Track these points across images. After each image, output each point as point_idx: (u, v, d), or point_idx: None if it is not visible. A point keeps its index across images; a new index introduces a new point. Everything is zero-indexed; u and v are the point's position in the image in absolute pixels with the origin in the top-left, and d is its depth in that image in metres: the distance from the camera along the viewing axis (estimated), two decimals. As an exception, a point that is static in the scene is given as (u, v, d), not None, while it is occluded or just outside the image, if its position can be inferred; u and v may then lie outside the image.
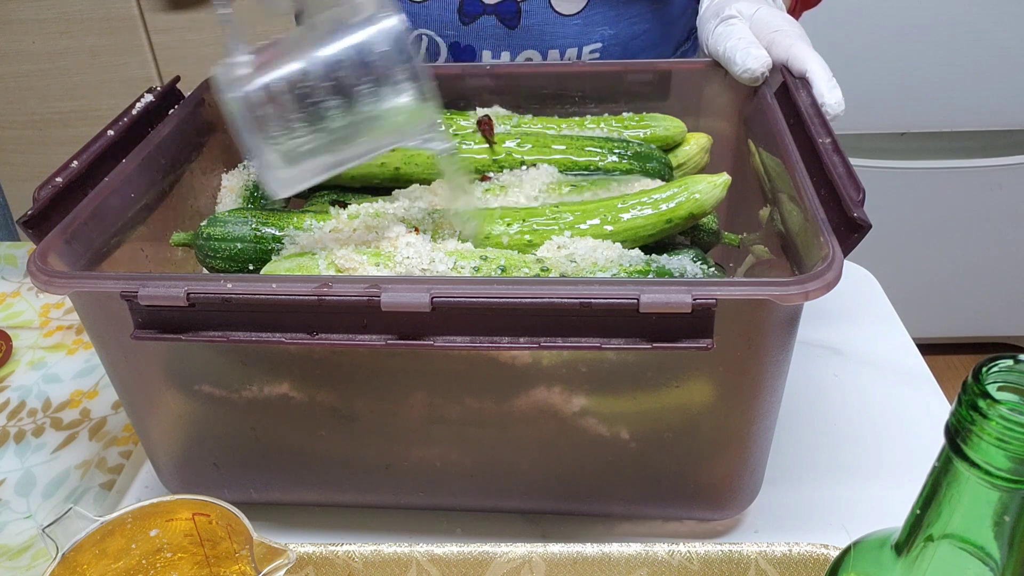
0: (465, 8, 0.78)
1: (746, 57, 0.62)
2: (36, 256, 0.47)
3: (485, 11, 0.78)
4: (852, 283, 0.78)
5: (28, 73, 1.72)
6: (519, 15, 0.78)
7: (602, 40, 0.80)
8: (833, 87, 0.58)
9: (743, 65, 0.62)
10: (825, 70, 0.59)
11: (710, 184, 0.55)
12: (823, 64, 0.60)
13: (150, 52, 1.72)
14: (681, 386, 0.47)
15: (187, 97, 0.66)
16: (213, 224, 0.58)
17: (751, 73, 0.62)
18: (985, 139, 1.57)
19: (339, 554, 0.50)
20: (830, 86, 0.58)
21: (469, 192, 0.60)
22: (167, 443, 0.55)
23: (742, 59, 0.62)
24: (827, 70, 0.60)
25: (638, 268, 0.53)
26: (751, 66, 0.62)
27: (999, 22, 1.44)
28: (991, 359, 0.28)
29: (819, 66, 0.60)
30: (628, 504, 0.55)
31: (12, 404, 0.69)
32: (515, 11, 0.77)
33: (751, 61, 0.62)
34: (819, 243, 0.44)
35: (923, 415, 0.64)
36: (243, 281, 0.45)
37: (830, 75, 0.59)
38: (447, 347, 0.44)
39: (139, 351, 0.49)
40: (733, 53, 0.63)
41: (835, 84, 0.59)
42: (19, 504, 0.60)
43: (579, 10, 0.77)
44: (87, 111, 1.77)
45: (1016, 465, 0.27)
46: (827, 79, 0.59)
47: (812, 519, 0.57)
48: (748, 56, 0.62)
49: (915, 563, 0.32)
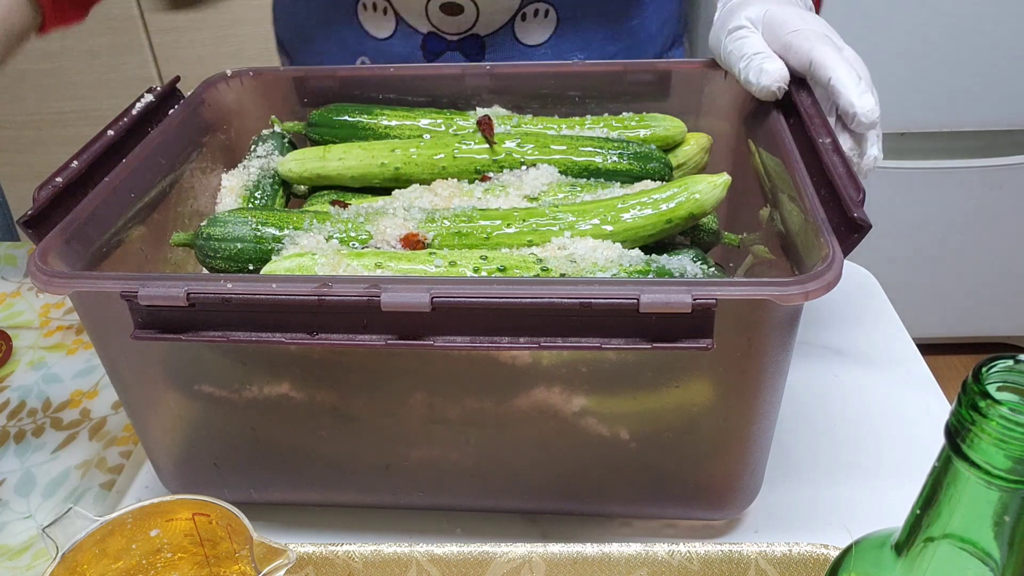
0: (428, 45, 0.76)
1: (759, 75, 0.57)
2: (36, 256, 0.47)
3: (448, 47, 0.76)
4: (852, 283, 0.78)
5: (28, 73, 1.72)
6: (483, 49, 0.76)
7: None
8: (863, 92, 0.52)
9: (757, 84, 0.57)
10: (851, 74, 0.53)
11: (710, 184, 0.55)
12: (848, 67, 0.53)
13: (150, 52, 1.72)
14: (681, 386, 0.47)
15: (187, 97, 0.66)
16: (213, 224, 0.58)
17: (767, 90, 0.57)
18: (985, 139, 1.57)
19: (339, 554, 0.50)
20: (859, 91, 0.52)
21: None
22: (167, 443, 0.55)
23: (755, 77, 0.57)
24: (853, 73, 0.53)
25: (638, 268, 0.53)
26: (765, 83, 0.57)
27: (999, 22, 1.44)
28: (991, 359, 0.28)
29: (844, 71, 0.53)
30: (628, 504, 0.55)
31: (12, 404, 0.69)
32: (480, 46, 0.75)
33: (764, 78, 0.57)
34: (819, 243, 0.44)
35: (923, 415, 0.64)
36: (243, 281, 0.45)
37: (858, 78, 0.53)
38: (447, 347, 0.44)
39: (139, 351, 0.49)
40: (747, 73, 0.58)
41: (865, 88, 0.52)
42: (19, 504, 0.60)
43: (545, 39, 0.76)
44: (87, 111, 1.77)
45: (1016, 465, 0.27)
46: (855, 84, 0.52)
47: (812, 519, 0.57)
48: (761, 73, 0.57)
49: (915, 563, 0.32)
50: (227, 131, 0.70)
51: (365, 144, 0.66)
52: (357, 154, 0.65)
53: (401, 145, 0.65)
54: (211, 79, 0.69)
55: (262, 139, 0.70)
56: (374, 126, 0.68)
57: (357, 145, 0.66)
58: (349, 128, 0.68)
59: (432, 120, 0.68)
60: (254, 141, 0.70)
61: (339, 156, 0.66)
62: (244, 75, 0.70)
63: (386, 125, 0.68)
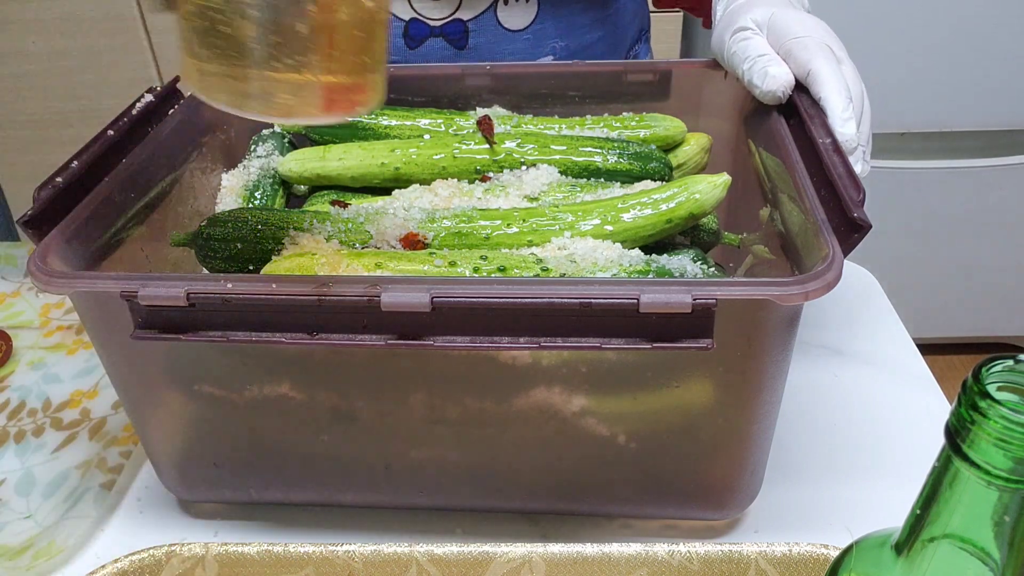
0: (411, 31, 0.76)
1: (764, 78, 0.57)
2: (36, 256, 0.47)
3: (432, 33, 0.76)
4: (852, 283, 0.78)
5: (28, 73, 1.72)
6: (467, 34, 0.76)
7: (553, 53, 0.78)
8: (847, 119, 0.52)
9: (762, 87, 0.57)
10: (842, 95, 0.53)
11: (710, 184, 0.55)
12: (842, 87, 0.54)
13: (150, 52, 1.72)
14: (681, 386, 0.47)
15: (187, 97, 0.66)
16: (213, 224, 0.58)
17: (772, 95, 0.57)
18: (985, 139, 1.57)
19: (339, 554, 0.50)
20: (844, 117, 0.52)
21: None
22: (167, 443, 0.55)
23: (760, 80, 0.57)
24: (844, 94, 0.53)
25: (638, 268, 0.53)
26: (770, 88, 0.57)
27: (999, 22, 1.44)
28: (991, 359, 0.28)
29: (836, 91, 0.53)
30: (628, 504, 0.55)
31: (12, 404, 0.69)
32: (462, 31, 0.75)
33: (770, 82, 0.57)
34: (819, 243, 0.44)
35: (923, 415, 0.64)
36: (243, 281, 0.45)
37: (847, 102, 0.53)
38: (447, 347, 0.44)
39: (139, 351, 0.49)
40: (751, 75, 0.58)
41: (851, 115, 0.53)
42: (19, 504, 0.60)
43: (527, 24, 0.75)
44: (87, 111, 1.77)
45: (1016, 465, 0.27)
46: (842, 108, 0.53)
47: (812, 519, 0.57)
48: (766, 77, 0.57)
49: (915, 563, 0.32)
50: (227, 131, 0.70)
51: (365, 144, 0.66)
52: (357, 154, 0.65)
53: (401, 145, 0.65)
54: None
55: (262, 139, 0.70)
56: (374, 126, 0.68)
57: (357, 145, 0.66)
58: (349, 128, 0.68)
59: (432, 120, 0.68)
60: (254, 141, 0.70)
61: (339, 156, 0.66)
62: (244, 75, 0.70)
63: (386, 125, 0.68)
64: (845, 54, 0.58)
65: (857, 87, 0.55)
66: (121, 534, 0.58)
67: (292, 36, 0.38)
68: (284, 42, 0.38)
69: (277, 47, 0.38)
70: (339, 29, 0.39)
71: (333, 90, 0.40)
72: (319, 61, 0.39)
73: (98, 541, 0.57)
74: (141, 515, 0.59)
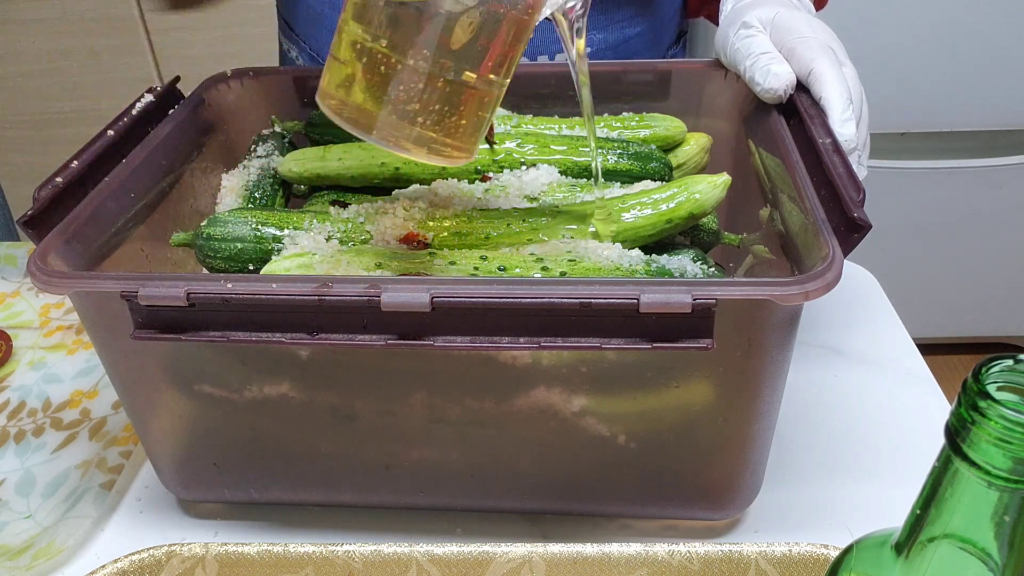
0: None
1: (766, 76, 0.57)
2: (36, 256, 0.47)
3: None
4: (852, 283, 0.78)
5: (28, 73, 1.73)
6: None
7: (592, 44, 0.78)
8: (847, 120, 0.53)
9: (763, 85, 0.57)
10: (843, 96, 0.54)
11: (710, 184, 0.55)
12: (842, 89, 0.54)
13: (150, 52, 1.72)
14: (681, 386, 0.47)
15: (187, 97, 0.66)
16: (213, 224, 0.58)
17: (773, 93, 0.57)
18: (985, 139, 1.57)
19: (339, 554, 0.50)
20: (844, 118, 0.53)
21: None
22: (167, 443, 0.55)
23: (762, 78, 0.58)
24: (845, 96, 0.54)
25: (638, 268, 0.53)
26: (772, 86, 0.57)
27: (999, 22, 1.44)
28: (991, 359, 0.28)
29: (837, 92, 0.54)
30: (628, 504, 0.55)
31: (12, 404, 0.69)
32: None
33: (772, 80, 0.57)
34: (819, 243, 0.44)
35: (923, 415, 0.64)
36: (243, 281, 0.45)
37: (847, 103, 0.53)
38: (447, 347, 0.44)
39: (139, 351, 0.49)
40: (753, 72, 0.59)
41: (851, 116, 0.53)
42: (19, 504, 0.60)
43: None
44: (87, 111, 1.77)
45: (1016, 465, 0.27)
46: (842, 109, 0.53)
47: (812, 519, 0.57)
48: (768, 75, 0.57)
49: (915, 563, 0.32)
50: (227, 131, 0.70)
51: (365, 144, 0.66)
52: (357, 154, 0.65)
53: (401, 145, 0.65)
54: (211, 79, 0.69)
55: (262, 139, 0.70)
56: (374, 126, 0.68)
57: (357, 145, 0.66)
58: (349, 128, 0.68)
59: (432, 120, 0.68)
60: (254, 141, 0.70)
61: (339, 156, 0.66)
62: (244, 75, 0.70)
63: (386, 125, 0.68)
64: (847, 57, 0.58)
65: (857, 90, 0.56)
66: (121, 534, 0.58)
67: (439, 112, 0.44)
68: (427, 110, 0.44)
69: (423, 114, 0.44)
70: (469, 110, 0.45)
71: (445, 146, 0.46)
72: (447, 127, 0.45)
73: (98, 541, 0.57)
74: (141, 515, 0.59)
